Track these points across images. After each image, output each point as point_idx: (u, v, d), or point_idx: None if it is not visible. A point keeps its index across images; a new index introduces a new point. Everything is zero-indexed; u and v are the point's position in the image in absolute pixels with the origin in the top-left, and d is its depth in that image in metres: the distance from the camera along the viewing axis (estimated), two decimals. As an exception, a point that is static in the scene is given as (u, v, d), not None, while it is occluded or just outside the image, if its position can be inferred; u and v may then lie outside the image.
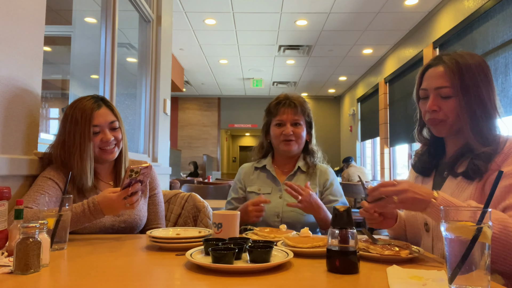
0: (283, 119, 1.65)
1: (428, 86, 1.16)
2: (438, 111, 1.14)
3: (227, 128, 11.18)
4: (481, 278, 0.71)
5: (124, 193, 1.19)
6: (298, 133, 1.64)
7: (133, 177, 1.19)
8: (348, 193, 5.15)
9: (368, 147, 8.67)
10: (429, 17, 5.14)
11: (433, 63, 1.18)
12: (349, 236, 0.86)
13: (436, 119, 1.15)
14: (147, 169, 1.22)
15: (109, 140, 1.39)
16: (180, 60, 7.45)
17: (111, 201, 1.20)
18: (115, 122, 1.42)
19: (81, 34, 3.28)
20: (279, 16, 5.30)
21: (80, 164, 1.34)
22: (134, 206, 1.22)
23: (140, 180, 1.22)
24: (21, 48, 1.37)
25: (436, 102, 1.14)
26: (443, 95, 1.13)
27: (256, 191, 1.67)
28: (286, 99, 1.67)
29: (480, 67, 1.13)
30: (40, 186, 1.31)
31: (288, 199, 1.58)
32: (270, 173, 1.69)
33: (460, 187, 1.12)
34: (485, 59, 1.17)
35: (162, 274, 0.86)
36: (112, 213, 1.24)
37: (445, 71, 1.12)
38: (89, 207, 1.20)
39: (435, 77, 1.15)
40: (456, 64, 1.12)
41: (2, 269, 0.83)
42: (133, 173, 1.18)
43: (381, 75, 7.14)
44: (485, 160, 1.07)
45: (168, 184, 3.44)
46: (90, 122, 1.36)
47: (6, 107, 1.30)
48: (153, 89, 3.09)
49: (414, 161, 1.32)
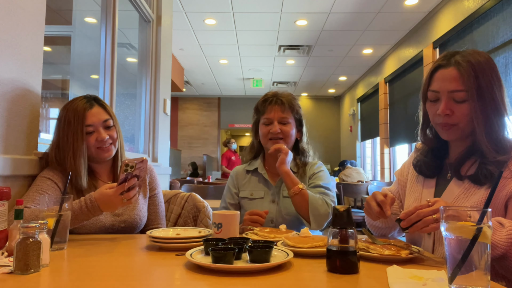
0: (270, 117, 1.59)
1: (440, 88, 1.10)
2: (450, 115, 1.09)
3: (227, 128, 11.18)
4: (481, 278, 0.71)
5: (121, 188, 1.18)
6: (286, 131, 1.58)
7: (129, 172, 1.18)
8: (348, 193, 5.15)
9: (368, 147, 8.67)
10: (429, 17, 5.14)
11: (444, 63, 1.11)
12: (349, 236, 0.86)
13: (448, 123, 1.11)
14: (142, 163, 1.20)
15: (104, 139, 1.38)
16: (180, 60, 7.45)
17: (108, 196, 1.18)
18: (109, 121, 1.42)
19: (81, 34, 3.28)
20: (279, 16, 5.30)
21: (74, 164, 1.34)
22: (131, 201, 1.21)
23: (137, 175, 1.20)
24: (21, 48, 1.37)
25: (449, 106, 1.09)
26: (457, 99, 1.08)
27: (249, 196, 1.62)
28: (273, 97, 1.62)
29: (491, 66, 1.09)
30: (39, 186, 1.31)
31: (282, 205, 1.55)
32: (262, 177, 1.64)
33: (467, 192, 1.09)
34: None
35: (162, 274, 0.86)
36: (110, 209, 1.22)
37: (460, 74, 1.07)
38: (86, 203, 1.19)
39: (448, 79, 1.09)
40: (470, 66, 1.06)
41: (2, 269, 0.83)
42: (128, 167, 1.17)
43: (381, 75, 7.14)
44: (499, 167, 1.04)
45: (168, 184, 3.44)
46: (83, 122, 1.36)
47: (6, 107, 1.30)
48: (153, 89, 3.09)
49: (415, 160, 1.28)
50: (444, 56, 1.14)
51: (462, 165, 1.13)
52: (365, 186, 5.11)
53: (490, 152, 1.05)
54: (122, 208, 1.42)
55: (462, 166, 1.13)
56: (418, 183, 1.27)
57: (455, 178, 1.14)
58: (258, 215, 1.42)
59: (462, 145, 1.16)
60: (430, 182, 1.23)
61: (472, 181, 1.09)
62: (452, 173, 1.16)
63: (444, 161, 1.23)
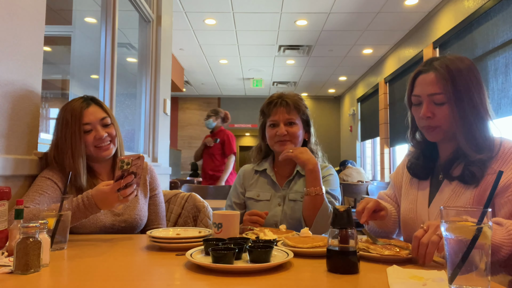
0: (276, 119, 1.57)
1: (420, 92, 1.16)
2: (432, 117, 1.14)
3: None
4: (481, 278, 0.71)
5: (117, 185, 1.17)
6: (293, 133, 1.56)
7: (125, 169, 1.17)
8: (348, 193, 5.15)
9: (368, 147, 8.67)
10: (429, 17, 5.14)
11: (424, 69, 1.17)
12: (349, 236, 0.86)
13: (430, 126, 1.15)
14: (139, 160, 1.19)
15: (102, 136, 1.38)
16: (180, 60, 7.44)
17: (104, 194, 1.18)
18: (107, 119, 1.42)
19: (81, 34, 3.28)
20: (279, 16, 5.30)
21: (73, 164, 1.34)
22: (128, 199, 1.19)
23: (134, 172, 1.19)
24: (21, 48, 1.37)
25: (430, 109, 1.14)
26: (437, 101, 1.13)
27: (255, 198, 1.60)
28: (278, 98, 1.59)
29: (471, 70, 1.13)
30: (39, 186, 1.31)
31: (287, 209, 1.53)
32: (270, 178, 1.61)
33: (456, 192, 1.12)
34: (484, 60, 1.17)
35: (162, 274, 0.86)
36: (107, 207, 1.20)
37: (437, 78, 1.12)
38: (83, 201, 1.18)
39: (427, 83, 1.14)
40: (447, 70, 1.12)
41: (2, 269, 0.83)
42: (124, 164, 1.17)
43: (381, 75, 7.14)
44: (481, 166, 1.08)
45: (168, 184, 3.44)
46: (80, 121, 1.36)
47: (6, 107, 1.30)
48: (153, 89, 3.09)
49: (409, 163, 1.31)
50: (425, 62, 1.20)
51: (451, 166, 1.16)
52: (365, 186, 5.11)
53: (471, 152, 1.10)
54: (123, 208, 1.42)
55: (451, 167, 1.16)
56: (413, 186, 1.29)
57: (446, 180, 1.17)
58: (257, 215, 1.42)
59: (449, 147, 1.19)
60: (424, 184, 1.25)
61: (460, 181, 1.12)
62: (443, 175, 1.19)
63: (436, 162, 1.25)
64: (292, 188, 1.57)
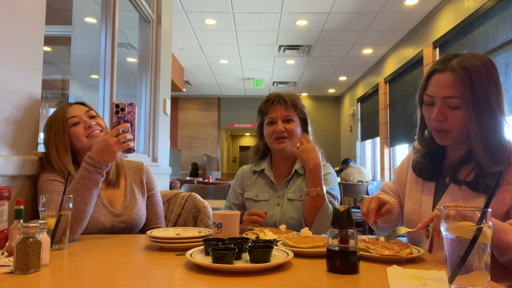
0: (273, 116, 1.56)
1: (435, 93, 1.09)
2: (444, 121, 1.08)
3: (227, 128, 11.19)
4: (481, 278, 0.71)
5: (115, 131, 1.20)
6: (291, 130, 1.55)
7: (120, 116, 1.21)
8: (348, 193, 5.15)
9: (368, 147, 8.67)
10: (429, 17, 5.14)
11: (440, 68, 1.09)
12: (349, 236, 0.86)
13: (441, 129, 1.10)
14: (132, 107, 1.23)
15: (91, 124, 1.40)
16: (180, 60, 7.45)
17: (104, 141, 1.21)
18: (91, 111, 1.44)
19: (81, 34, 3.28)
20: (279, 16, 5.30)
21: (59, 160, 1.35)
22: (128, 144, 1.22)
23: (128, 120, 1.23)
24: (21, 48, 1.37)
25: (442, 112, 1.07)
26: (451, 105, 1.06)
27: (254, 198, 1.60)
28: (276, 96, 1.61)
29: (489, 70, 1.06)
30: (50, 189, 1.30)
31: (285, 209, 1.53)
32: (268, 179, 1.61)
33: (466, 197, 1.09)
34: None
35: (162, 274, 0.86)
36: (111, 155, 1.22)
37: (455, 80, 1.05)
38: (88, 162, 1.21)
39: (443, 85, 1.07)
40: (466, 72, 1.04)
41: (2, 269, 0.83)
42: (118, 108, 1.20)
43: (381, 75, 7.14)
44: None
45: (168, 184, 3.44)
46: (64, 117, 1.38)
47: (5, 107, 1.30)
48: (153, 89, 3.09)
49: (414, 163, 1.27)
50: (442, 60, 1.12)
51: (459, 170, 1.13)
52: (365, 186, 5.11)
53: (487, 162, 1.04)
54: (122, 208, 1.42)
55: (459, 171, 1.13)
56: (417, 186, 1.26)
57: (453, 183, 1.13)
58: (257, 215, 1.42)
59: (459, 150, 1.15)
60: (429, 186, 1.22)
61: (469, 187, 1.08)
62: (450, 178, 1.15)
63: (443, 163, 1.22)
64: (290, 188, 1.57)
